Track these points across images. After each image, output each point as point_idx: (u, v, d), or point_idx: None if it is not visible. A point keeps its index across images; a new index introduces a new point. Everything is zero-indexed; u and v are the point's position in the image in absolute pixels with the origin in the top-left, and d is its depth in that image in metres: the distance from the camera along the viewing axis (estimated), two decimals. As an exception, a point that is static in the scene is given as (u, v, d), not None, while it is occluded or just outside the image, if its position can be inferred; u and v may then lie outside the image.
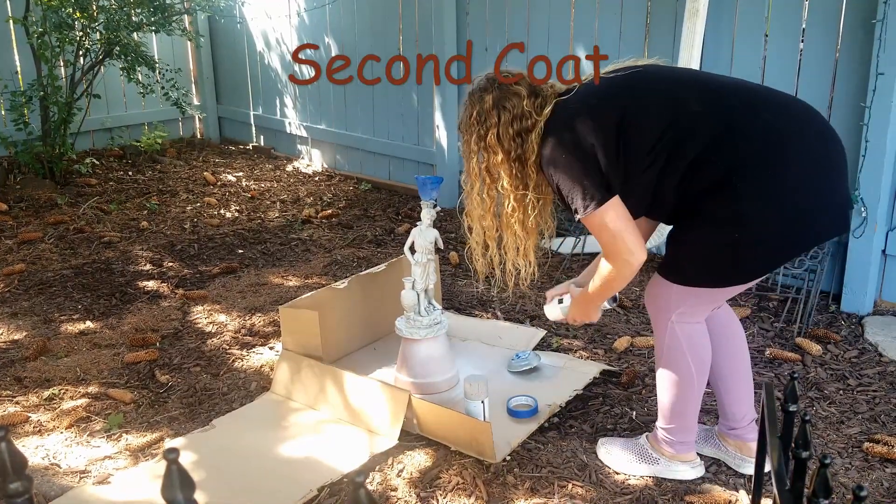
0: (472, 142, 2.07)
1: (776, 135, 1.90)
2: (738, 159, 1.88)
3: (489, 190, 2.10)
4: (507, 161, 2.04)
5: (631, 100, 1.97)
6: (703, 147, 1.90)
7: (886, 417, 2.52)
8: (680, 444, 2.20)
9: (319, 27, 5.44)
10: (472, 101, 2.08)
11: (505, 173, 2.06)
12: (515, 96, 2.04)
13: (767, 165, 1.87)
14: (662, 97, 1.97)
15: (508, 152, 2.04)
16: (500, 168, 2.06)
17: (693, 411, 2.18)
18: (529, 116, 2.02)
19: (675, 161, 1.91)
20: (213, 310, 3.40)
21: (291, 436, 2.48)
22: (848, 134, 3.24)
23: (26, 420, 2.57)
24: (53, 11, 4.53)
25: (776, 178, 1.87)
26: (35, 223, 4.46)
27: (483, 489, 2.18)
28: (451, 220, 4.55)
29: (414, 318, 2.67)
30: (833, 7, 3.21)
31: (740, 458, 2.25)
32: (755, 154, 1.88)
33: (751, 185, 1.87)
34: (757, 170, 1.87)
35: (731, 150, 1.89)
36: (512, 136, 2.02)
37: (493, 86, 2.06)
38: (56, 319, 3.31)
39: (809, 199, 1.90)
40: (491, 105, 2.04)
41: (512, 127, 2.02)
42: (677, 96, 1.97)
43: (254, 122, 6.25)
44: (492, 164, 2.06)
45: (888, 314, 3.24)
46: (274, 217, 4.71)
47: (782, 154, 1.88)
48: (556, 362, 2.88)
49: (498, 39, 4.40)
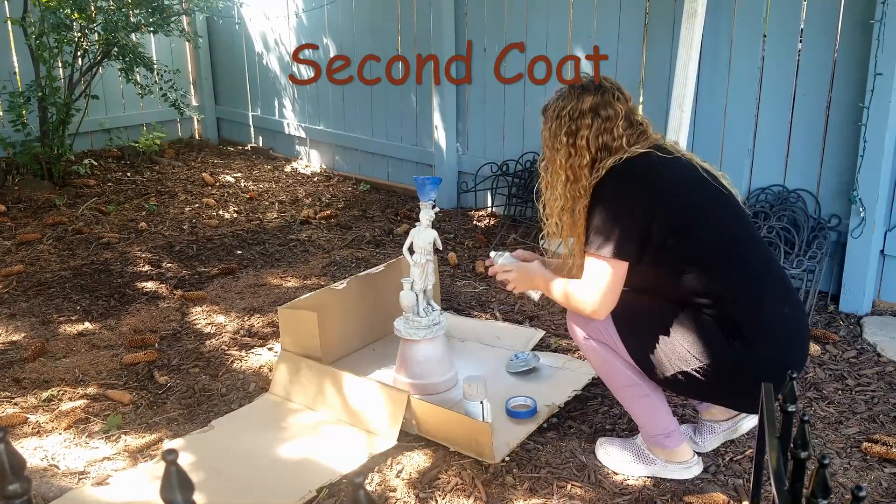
0: (563, 134, 2.10)
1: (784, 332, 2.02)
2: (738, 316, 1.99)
3: (572, 187, 2.12)
4: (591, 167, 2.09)
5: (700, 213, 2.03)
6: (737, 284, 2.00)
7: (885, 417, 2.53)
8: (665, 438, 2.21)
9: (318, 28, 5.44)
10: (570, 95, 2.11)
11: (584, 177, 2.09)
12: (614, 112, 2.07)
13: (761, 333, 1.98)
14: (727, 228, 2.05)
15: (595, 160, 2.08)
16: (583, 171, 2.09)
17: (655, 406, 2.19)
18: (619, 139, 2.07)
19: (703, 275, 2.00)
20: (212, 311, 3.40)
21: (290, 436, 2.48)
22: (846, 134, 3.25)
23: (25, 421, 2.57)
24: (51, 12, 4.53)
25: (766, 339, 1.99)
26: (33, 224, 4.46)
27: (482, 490, 2.18)
28: (449, 221, 4.55)
29: (413, 318, 2.67)
30: (831, 7, 3.22)
31: (728, 415, 2.34)
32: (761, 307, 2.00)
33: (742, 335, 1.97)
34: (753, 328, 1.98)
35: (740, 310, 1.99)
36: (601, 146, 2.07)
37: (596, 90, 2.10)
38: (54, 320, 3.30)
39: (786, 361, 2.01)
40: (588, 108, 2.07)
41: (602, 137, 2.06)
42: (739, 239, 2.05)
43: (252, 123, 6.25)
44: (577, 164, 2.10)
45: (886, 314, 3.24)
46: (272, 218, 4.71)
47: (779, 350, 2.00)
48: (554, 363, 2.88)
49: (496, 40, 4.40)
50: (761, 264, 2.05)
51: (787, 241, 3.21)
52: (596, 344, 2.17)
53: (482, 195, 4.68)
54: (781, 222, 3.27)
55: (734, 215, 2.09)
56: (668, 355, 2.03)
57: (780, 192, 3.47)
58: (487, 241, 4.18)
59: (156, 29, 4.97)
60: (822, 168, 3.36)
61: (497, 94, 4.49)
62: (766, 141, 3.49)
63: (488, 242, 4.17)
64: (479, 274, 3.78)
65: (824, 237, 3.24)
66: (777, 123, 3.45)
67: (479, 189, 4.62)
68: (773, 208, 3.39)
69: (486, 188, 4.59)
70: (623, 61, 3.93)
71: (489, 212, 4.61)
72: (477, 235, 4.30)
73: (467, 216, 4.64)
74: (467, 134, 4.72)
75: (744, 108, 3.52)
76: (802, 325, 2.07)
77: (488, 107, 4.56)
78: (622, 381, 2.18)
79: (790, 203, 3.40)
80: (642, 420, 2.23)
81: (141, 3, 4.84)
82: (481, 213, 4.65)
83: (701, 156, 2.18)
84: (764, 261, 2.07)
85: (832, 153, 3.32)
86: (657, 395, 2.18)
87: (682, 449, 2.23)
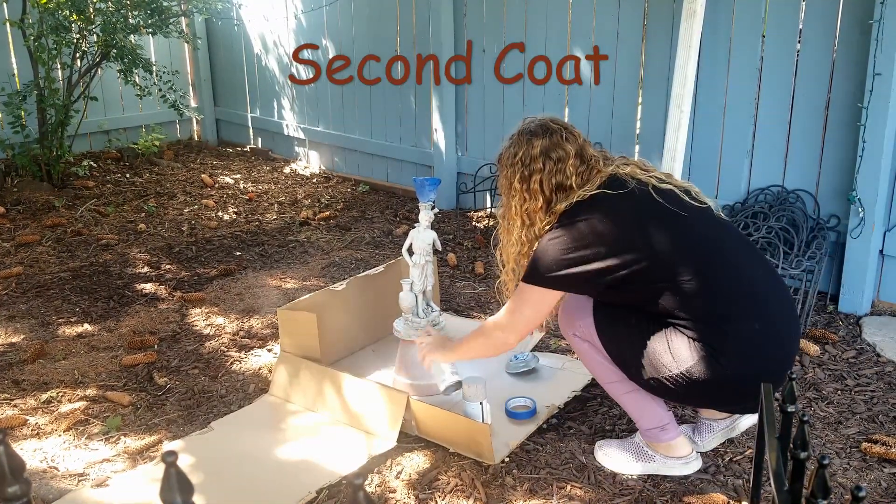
0: (516, 181, 2.16)
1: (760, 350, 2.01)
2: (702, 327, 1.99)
3: (527, 231, 2.18)
4: (546, 211, 2.14)
5: (651, 247, 2.01)
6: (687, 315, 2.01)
7: (884, 417, 2.53)
8: (661, 431, 2.21)
9: (317, 29, 5.44)
10: (520, 141, 2.16)
11: (539, 220, 2.15)
12: (564, 152, 2.12)
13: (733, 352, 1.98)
14: (688, 253, 2.03)
15: (549, 201, 2.13)
16: (537, 214, 2.14)
17: (641, 396, 2.19)
18: (569, 179, 2.11)
19: (670, 301, 2.01)
20: (211, 312, 3.40)
21: (290, 438, 2.48)
22: (845, 135, 3.25)
23: (24, 423, 2.57)
24: (50, 14, 4.53)
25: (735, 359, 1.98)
26: (32, 226, 4.46)
27: (482, 490, 2.18)
28: (448, 222, 4.55)
29: (412, 319, 2.67)
30: (830, 8, 3.22)
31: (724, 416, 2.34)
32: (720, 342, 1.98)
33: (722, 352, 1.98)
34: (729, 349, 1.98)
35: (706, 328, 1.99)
36: (553, 188, 2.12)
37: (544, 133, 2.14)
38: (54, 322, 3.30)
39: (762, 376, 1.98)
40: (538, 152, 2.12)
41: (554, 178, 2.11)
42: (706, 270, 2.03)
43: (251, 125, 6.25)
44: (531, 209, 2.15)
45: (886, 314, 3.25)
46: (272, 219, 4.71)
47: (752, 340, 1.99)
48: (554, 364, 2.88)
49: (495, 40, 4.41)
50: (729, 281, 2.04)
51: (787, 241, 3.21)
52: (582, 341, 2.21)
53: (481, 196, 4.68)
54: (780, 222, 3.27)
55: (698, 236, 2.08)
56: (642, 362, 2.06)
57: (779, 193, 3.47)
58: (487, 242, 4.18)
59: (154, 30, 4.96)
60: (821, 168, 3.36)
61: (496, 94, 4.49)
62: (765, 141, 3.49)
63: (487, 243, 4.17)
64: (478, 275, 3.78)
65: (823, 237, 3.24)
66: (776, 123, 3.45)
67: (479, 190, 4.62)
68: (773, 208, 3.39)
69: (485, 189, 4.59)
70: (622, 61, 3.93)
71: (488, 213, 4.61)
72: (476, 236, 4.30)
73: (466, 217, 4.64)
74: (466, 135, 4.72)
75: (743, 108, 3.52)
76: (778, 338, 2.05)
77: (488, 107, 4.56)
78: (608, 378, 2.22)
79: (789, 203, 3.40)
80: (635, 415, 2.25)
81: (140, 4, 4.84)
82: (480, 213, 4.65)
83: (699, 157, 2.18)
84: (733, 276, 2.05)
85: (831, 153, 3.32)
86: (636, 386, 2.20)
87: (679, 442, 2.23)
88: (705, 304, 2.00)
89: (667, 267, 2.00)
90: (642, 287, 2.02)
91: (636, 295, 2.05)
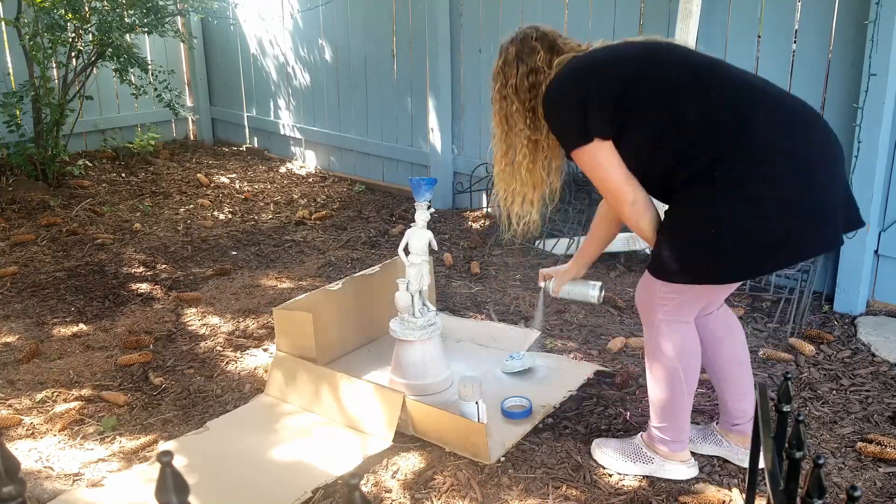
0: (497, 90, 2.20)
1: (773, 147, 1.90)
2: (724, 153, 1.90)
3: (506, 136, 2.21)
4: (523, 111, 2.16)
5: (641, 70, 2.02)
6: (697, 133, 1.94)
7: (879, 417, 2.53)
8: (673, 444, 2.21)
9: (313, 29, 5.44)
10: (500, 53, 2.21)
11: (520, 121, 2.17)
12: (533, 50, 2.14)
13: (756, 177, 1.88)
14: (673, 75, 2.01)
15: (524, 102, 2.15)
16: (516, 116, 2.17)
17: (684, 410, 2.18)
18: (542, 70, 2.13)
19: (668, 140, 1.96)
20: (207, 312, 3.39)
21: (285, 438, 2.47)
22: (840, 135, 3.24)
23: (19, 423, 2.56)
24: (45, 13, 4.52)
25: (762, 184, 1.88)
26: (27, 225, 4.45)
27: (478, 490, 2.18)
28: (444, 222, 4.55)
29: (408, 319, 2.67)
30: (826, 8, 3.23)
31: (743, 453, 2.26)
32: (744, 156, 1.89)
33: (732, 184, 1.89)
34: (740, 174, 1.89)
35: (723, 144, 1.91)
36: (527, 88, 2.14)
37: (517, 39, 2.18)
38: (49, 322, 3.29)
39: (802, 213, 1.90)
40: (513, 57, 2.16)
41: (528, 79, 2.14)
42: (692, 80, 2.00)
43: (247, 124, 6.24)
44: (510, 112, 2.18)
45: (881, 314, 3.25)
46: (267, 219, 4.71)
47: (773, 169, 1.88)
48: (550, 363, 2.89)
49: (492, 40, 4.40)
50: (737, 98, 1.97)
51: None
52: (665, 326, 2.10)
53: (477, 196, 4.68)
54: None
55: (689, 66, 2.03)
56: (700, 252, 1.97)
57: (775, 193, 3.47)
58: (482, 242, 4.18)
59: (150, 29, 4.96)
60: (817, 168, 3.37)
61: (492, 94, 4.48)
62: (761, 141, 3.49)
63: (483, 243, 4.17)
64: (474, 274, 3.78)
65: (819, 237, 3.25)
66: (771, 124, 3.45)
67: (475, 189, 4.62)
68: (768, 208, 3.39)
69: (481, 189, 4.59)
70: (618, 62, 3.93)
71: (484, 212, 4.61)
72: (472, 236, 4.30)
73: (462, 217, 4.64)
74: (462, 134, 4.72)
75: (738, 109, 3.53)
76: (816, 163, 1.94)
77: (483, 107, 4.56)
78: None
79: (785, 203, 3.40)
80: (665, 422, 2.19)
81: (135, 3, 4.83)
82: (476, 213, 4.65)
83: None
84: (744, 91, 1.98)
85: (826, 153, 3.32)
86: (690, 401, 2.18)
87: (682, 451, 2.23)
88: (740, 144, 1.90)
89: (659, 90, 1.99)
90: (646, 126, 1.97)
91: (648, 142, 1.98)
